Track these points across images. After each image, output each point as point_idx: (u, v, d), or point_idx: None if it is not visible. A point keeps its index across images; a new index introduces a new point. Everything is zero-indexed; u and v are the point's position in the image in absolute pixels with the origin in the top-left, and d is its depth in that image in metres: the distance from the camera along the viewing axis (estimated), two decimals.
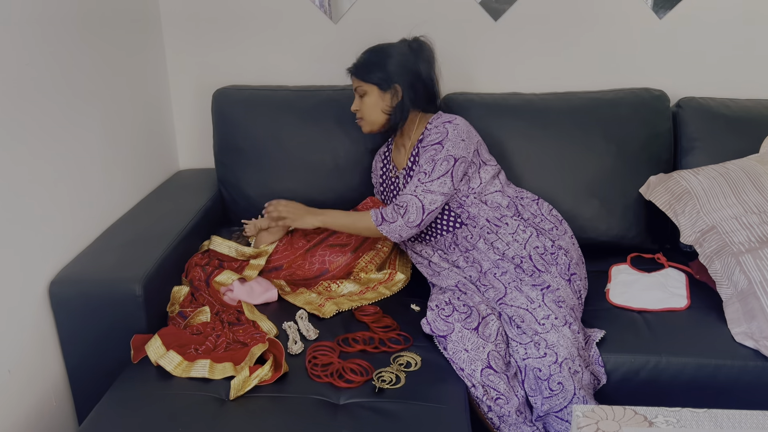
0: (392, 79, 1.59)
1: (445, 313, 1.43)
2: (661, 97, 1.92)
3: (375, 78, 1.60)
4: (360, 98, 1.65)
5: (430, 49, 1.64)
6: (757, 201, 1.63)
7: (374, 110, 1.63)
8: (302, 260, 1.65)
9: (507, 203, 1.63)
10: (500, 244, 1.58)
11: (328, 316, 1.52)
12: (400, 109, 1.61)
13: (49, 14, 1.42)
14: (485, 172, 1.64)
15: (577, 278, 1.55)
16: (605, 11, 2.01)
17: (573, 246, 1.64)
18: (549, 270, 1.53)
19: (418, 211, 1.51)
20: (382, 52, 1.62)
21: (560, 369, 1.35)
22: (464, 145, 1.57)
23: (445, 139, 1.56)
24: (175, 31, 2.07)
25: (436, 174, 1.53)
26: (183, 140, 2.22)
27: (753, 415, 1.10)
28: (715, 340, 1.47)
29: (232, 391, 1.22)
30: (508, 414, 1.35)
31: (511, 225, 1.60)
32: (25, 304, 1.34)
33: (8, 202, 1.28)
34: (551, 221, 1.65)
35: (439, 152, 1.54)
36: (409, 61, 1.60)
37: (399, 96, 1.61)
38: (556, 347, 1.37)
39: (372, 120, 1.65)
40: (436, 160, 1.54)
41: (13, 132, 1.29)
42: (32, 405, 1.37)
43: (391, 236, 1.55)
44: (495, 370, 1.35)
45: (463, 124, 1.60)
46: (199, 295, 1.57)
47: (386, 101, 1.62)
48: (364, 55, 1.65)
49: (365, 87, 1.62)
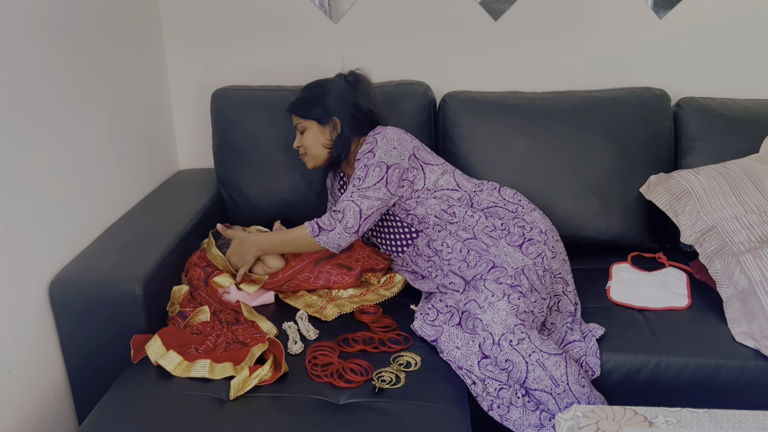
0: (330, 112, 1.62)
1: (430, 318, 1.46)
2: (662, 97, 1.92)
3: (314, 114, 1.63)
4: (301, 134, 1.67)
5: (367, 81, 1.68)
6: (757, 201, 1.63)
7: (315, 144, 1.65)
8: (308, 272, 1.64)
9: (459, 196, 1.63)
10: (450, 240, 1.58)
11: (329, 320, 1.52)
12: (341, 141, 1.63)
13: (49, 15, 1.42)
14: (431, 172, 1.63)
15: (534, 242, 1.54)
16: (605, 11, 2.01)
17: (542, 218, 1.63)
18: (498, 243, 1.54)
19: (355, 216, 1.51)
20: (318, 88, 1.66)
21: (500, 348, 1.36)
22: (396, 152, 1.56)
23: (375, 147, 1.56)
24: (175, 31, 2.07)
25: (370, 180, 1.53)
26: (183, 140, 2.22)
27: (753, 415, 1.10)
28: (715, 339, 1.47)
29: (232, 391, 1.22)
30: (511, 403, 1.35)
31: (458, 214, 1.60)
32: (25, 304, 1.34)
33: (8, 202, 1.28)
34: (514, 203, 1.64)
35: (370, 159, 1.55)
36: (347, 94, 1.63)
37: (338, 129, 1.63)
38: (491, 326, 1.37)
39: (314, 154, 1.66)
40: (368, 166, 1.54)
41: (12, 132, 1.29)
42: (32, 405, 1.37)
43: (329, 246, 1.52)
44: (491, 359, 1.36)
45: (393, 133, 1.59)
46: (197, 294, 1.57)
47: (326, 135, 1.64)
48: (302, 93, 1.68)
49: (305, 123, 1.65)
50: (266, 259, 1.62)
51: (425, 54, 2.07)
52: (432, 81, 2.01)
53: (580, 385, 1.36)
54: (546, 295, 1.49)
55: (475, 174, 1.84)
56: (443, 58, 2.08)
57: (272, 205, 1.93)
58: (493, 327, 1.37)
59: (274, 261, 1.62)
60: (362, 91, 1.65)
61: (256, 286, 1.61)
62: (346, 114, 1.63)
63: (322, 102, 1.63)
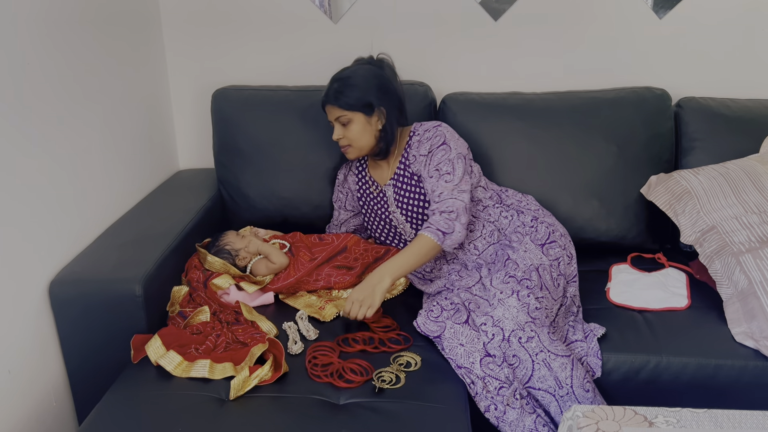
0: (374, 101, 1.57)
1: (433, 315, 1.45)
2: (663, 96, 1.92)
3: (358, 105, 1.56)
4: (343, 126, 1.59)
5: (391, 65, 1.65)
6: (757, 201, 1.63)
7: (364, 136, 1.60)
8: (308, 275, 1.64)
9: (489, 195, 1.66)
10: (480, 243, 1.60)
11: (328, 320, 1.52)
12: (388, 130, 1.61)
13: (49, 14, 1.42)
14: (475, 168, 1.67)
15: (556, 245, 1.56)
16: (605, 11, 2.01)
17: (559, 223, 1.66)
18: (522, 239, 1.55)
19: (466, 212, 1.51)
20: (357, 77, 1.58)
21: (509, 344, 1.36)
22: (461, 143, 1.60)
23: (447, 140, 1.57)
24: (175, 31, 2.07)
25: (458, 173, 1.54)
26: (183, 140, 2.22)
27: (753, 415, 1.10)
28: (715, 340, 1.47)
29: (232, 391, 1.22)
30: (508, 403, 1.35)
31: (493, 214, 1.62)
32: (25, 304, 1.34)
33: (8, 202, 1.28)
34: (537, 206, 1.69)
35: (448, 153, 1.56)
36: (386, 81, 1.60)
37: (384, 117, 1.59)
38: (502, 321, 1.37)
39: (361, 146, 1.61)
40: (452, 160, 1.55)
41: (12, 133, 1.29)
42: (32, 405, 1.37)
43: (452, 247, 1.51)
44: (494, 358, 1.36)
45: (448, 126, 1.63)
46: (197, 295, 1.57)
47: (374, 125, 1.60)
48: (339, 83, 1.58)
49: (349, 115, 1.57)
50: (271, 255, 1.62)
51: (425, 54, 2.07)
52: (432, 81, 2.01)
53: (584, 390, 1.36)
54: (557, 298, 1.49)
55: None
56: (443, 59, 2.08)
57: (272, 205, 1.93)
58: (504, 323, 1.37)
59: (278, 257, 1.62)
60: (391, 75, 1.62)
61: (256, 286, 1.61)
62: (390, 102, 1.59)
63: (365, 91, 1.56)
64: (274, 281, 1.63)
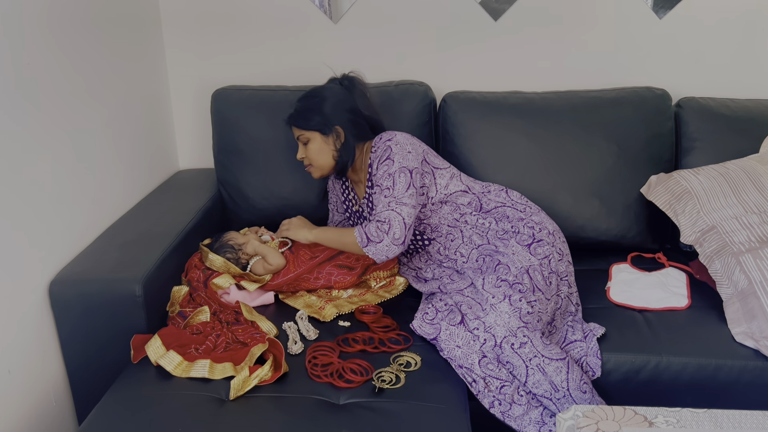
0: (331, 121, 1.59)
1: (429, 317, 1.45)
2: (664, 96, 1.92)
3: (314, 124, 1.60)
4: (304, 146, 1.64)
5: (362, 83, 1.66)
6: (757, 201, 1.63)
7: (321, 155, 1.63)
8: (308, 273, 1.64)
9: (469, 200, 1.63)
10: (464, 249, 1.60)
11: (328, 320, 1.52)
12: (346, 149, 1.61)
13: (49, 15, 1.42)
14: (440, 177, 1.63)
15: (545, 243, 1.55)
16: (605, 11, 2.01)
17: (548, 219, 1.64)
18: (507, 243, 1.55)
19: (401, 226, 1.48)
20: (316, 97, 1.62)
21: (501, 350, 1.36)
22: (412, 156, 1.55)
23: (391, 154, 1.54)
24: (175, 31, 2.07)
25: (400, 187, 1.51)
26: (183, 140, 2.22)
27: (753, 415, 1.10)
28: (715, 340, 1.47)
29: (232, 391, 1.22)
30: (513, 400, 1.35)
31: (470, 221, 1.61)
32: (25, 304, 1.34)
33: (8, 202, 1.28)
34: (522, 203, 1.66)
35: (391, 167, 1.53)
36: (344, 99, 1.61)
37: (342, 137, 1.61)
38: (493, 328, 1.37)
39: (320, 165, 1.65)
40: (392, 174, 1.52)
41: (12, 132, 1.29)
42: (32, 405, 1.37)
43: (377, 257, 1.50)
44: (491, 358, 1.36)
45: (403, 138, 1.58)
46: (197, 295, 1.57)
47: (330, 144, 1.62)
48: (299, 103, 1.64)
49: (307, 135, 1.62)
50: (268, 256, 1.62)
51: (425, 54, 2.07)
52: (432, 81, 2.01)
53: (581, 391, 1.36)
54: (551, 296, 1.49)
55: (476, 175, 1.84)
56: (443, 58, 2.08)
57: (272, 205, 1.93)
58: (496, 329, 1.37)
59: (275, 258, 1.62)
60: (359, 94, 1.64)
61: (256, 285, 1.61)
62: (347, 121, 1.61)
63: (321, 111, 1.60)
64: (274, 277, 1.63)
